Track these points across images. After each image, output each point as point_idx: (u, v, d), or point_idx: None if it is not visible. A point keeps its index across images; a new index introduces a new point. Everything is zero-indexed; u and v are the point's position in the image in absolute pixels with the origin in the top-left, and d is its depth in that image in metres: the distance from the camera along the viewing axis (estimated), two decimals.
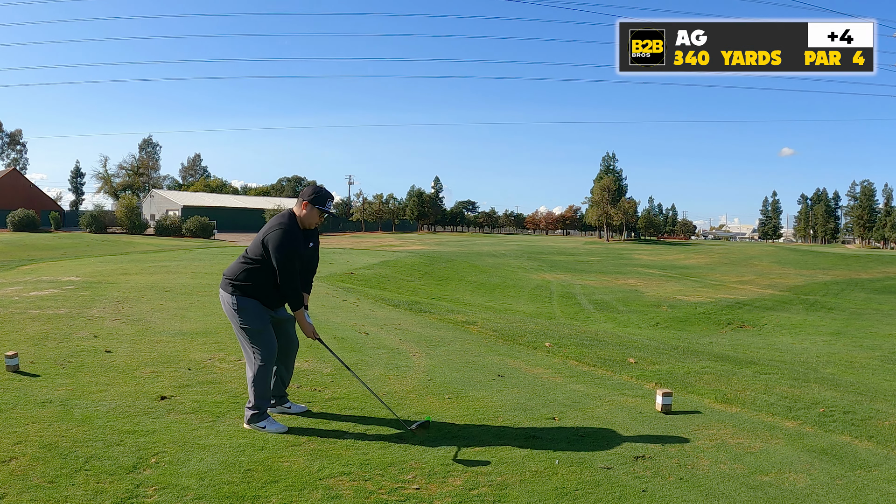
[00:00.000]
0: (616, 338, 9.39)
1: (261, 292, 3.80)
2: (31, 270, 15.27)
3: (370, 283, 17.26)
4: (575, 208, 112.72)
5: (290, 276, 3.73)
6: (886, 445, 3.91)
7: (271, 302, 3.86)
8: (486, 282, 25.53)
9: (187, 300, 9.00)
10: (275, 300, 3.86)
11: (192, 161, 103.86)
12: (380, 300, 11.33)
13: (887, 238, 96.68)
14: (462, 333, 7.77)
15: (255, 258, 3.81)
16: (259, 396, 3.79)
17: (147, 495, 2.81)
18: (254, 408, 3.79)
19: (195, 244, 40.98)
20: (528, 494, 3.03)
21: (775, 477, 3.35)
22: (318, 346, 6.30)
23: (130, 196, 65.50)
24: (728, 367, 6.44)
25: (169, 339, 6.18)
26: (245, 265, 3.83)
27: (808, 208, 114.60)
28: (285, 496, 2.88)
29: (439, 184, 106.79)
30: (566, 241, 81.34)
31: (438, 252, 37.31)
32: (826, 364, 11.89)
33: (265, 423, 3.77)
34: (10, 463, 3.06)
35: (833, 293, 27.55)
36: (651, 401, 4.69)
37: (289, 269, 3.72)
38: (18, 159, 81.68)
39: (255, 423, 3.76)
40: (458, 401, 4.56)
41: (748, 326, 18.33)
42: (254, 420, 3.77)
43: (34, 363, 4.93)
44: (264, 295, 3.81)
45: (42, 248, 34.76)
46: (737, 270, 37.59)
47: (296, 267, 3.77)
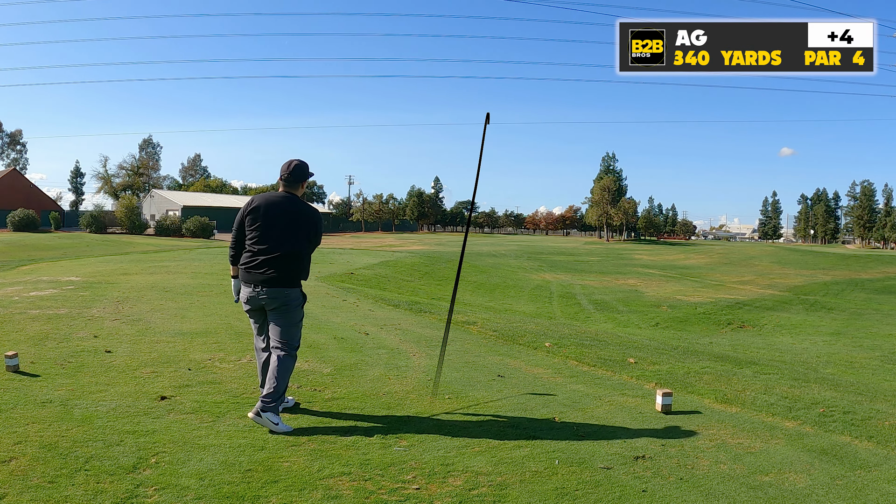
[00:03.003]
0: (616, 338, 9.39)
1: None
2: (31, 270, 15.27)
3: (370, 283, 17.27)
4: (575, 208, 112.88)
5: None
6: (886, 445, 3.90)
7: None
8: (486, 282, 25.53)
9: (187, 300, 9.00)
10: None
11: (192, 161, 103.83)
12: (380, 300, 11.33)
13: (887, 238, 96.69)
14: (462, 333, 7.77)
15: (303, 249, 4.02)
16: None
17: (147, 495, 2.81)
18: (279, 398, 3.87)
19: (195, 244, 40.97)
20: (528, 494, 3.03)
21: (775, 477, 3.35)
22: (319, 346, 6.31)
23: (130, 196, 65.50)
24: (728, 368, 6.44)
25: (169, 339, 6.18)
26: (302, 257, 4.00)
27: (808, 208, 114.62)
28: (285, 496, 2.88)
29: (439, 184, 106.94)
30: (566, 241, 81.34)
31: (438, 252, 37.31)
32: (826, 364, 11.90)
33: (279, 419, 3.80)
34: (10, 463, 3.06)
35: (833, 293, 27.55)
36: (651, 401, 4.69)
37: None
38: (18, 159, 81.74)
39: (273, 415, 3.77)
40: (458, 401, 4.56)
41: (748, 326, 18.34)
42: (274, 409, 3.79)
43: (34, 363, 4.93)
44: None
45: (42, 248, 34.75)
46: (737, 270, 37.60)
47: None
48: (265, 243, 3.93)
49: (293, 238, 3.93)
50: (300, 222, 3.96)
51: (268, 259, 3.91)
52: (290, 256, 3.92)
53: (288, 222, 3.94)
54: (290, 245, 3.92)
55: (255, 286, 3.94)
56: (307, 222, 3.98)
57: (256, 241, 3.95)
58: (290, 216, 3.95)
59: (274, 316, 3.98)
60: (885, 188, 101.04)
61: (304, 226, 3.97)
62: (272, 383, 3.84)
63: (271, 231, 3.93)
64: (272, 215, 3.94)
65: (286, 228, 3.92)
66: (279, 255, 3.91)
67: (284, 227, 3.93)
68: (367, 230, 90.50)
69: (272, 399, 3.79)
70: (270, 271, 3.89)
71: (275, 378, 3.85)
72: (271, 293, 3.91)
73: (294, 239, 3.93)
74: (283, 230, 3.92)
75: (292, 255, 3.92)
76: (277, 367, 3.89)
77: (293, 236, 3.93)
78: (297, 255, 3.94)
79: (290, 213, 3.95)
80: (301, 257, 3.97)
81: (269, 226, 3.93)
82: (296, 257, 3.94)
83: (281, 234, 3.92)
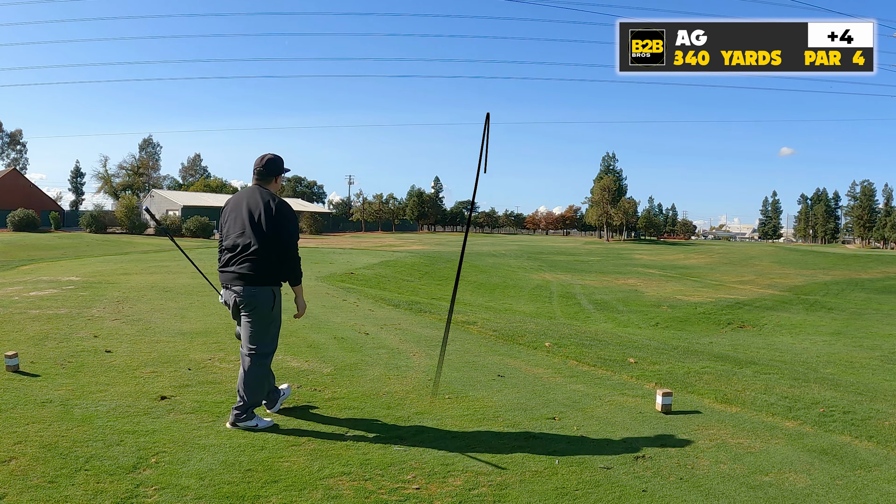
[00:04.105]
0: (616, 338, 9.39)
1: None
2: (31, 270, 15.27)
3: (370, 283, 17.26)
4: (575, 208, 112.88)
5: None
6: (886, 445, 3.90)
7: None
8: (486, 282, 25.53)
9: (187, 300, 9.01)
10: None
11: (192, 161, 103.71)
12: (380, 300, 11.33)
13: (887, 238, 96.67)
14: (462, 333, 7.77)
15: (265, 244, 3.81)
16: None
17: (147, 495, 2.81)
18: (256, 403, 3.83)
19: (195, 244, 40.93)
20: (528, 494, 3.03)
21: (775, 477, 3.35)
22: (318, 346, 6.31)
23: (130, 196, 65.49)
24: (728, 367, 6.44)
25: (169, 339, 6.18)
26: (266, 253, 3.77)
27: (808, 208, 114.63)
28: (285, 496, 2.88)
29: (439, 184, 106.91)
30: (566, 241, 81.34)
31: (438, 252, 37.30)
32: (826, 364, 11.89)
33: (257, 421, 3.79)
34: (10, 463, 3.06)
35: (833, 293, 27.55)
36: (651, 401, 4.69)
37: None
38: (18, 159, 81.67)
39: (248, 422, 3.76)
40: (458, 401, 4.56)
41: (748, 326, 18.33)
42: (248, 419, 3.76)
43: (34, 363, 4.93)
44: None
45: (42, 248, 34.75)
46: (737, 270, 37.59)
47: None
48: (228, 240, 3.80)
49: (254, 233, 3.71)
50: (259, 216, 3.71)
51: (231, 256, 3.78)
52: (252, 252, 3.70)
53: (248, 217, 3.73)
54: (250, 240, 3.71)
55: (224, 285, 3.83)
56: (267, 215, 3.70)
57: (223, 240, 3.86)
58: (251, 211, 3.74)
59: (243, 317, 3.81)
60: (885, 188, 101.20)
61: (264, 219, 3.70)
62: (239, 394, 3.74)
63: (234, 228, 3.79)
64: (235, 212, 3.81)
65: (247, 224, 3.73)
66: (239, 252, 3.74)
67: (245, 222, 3.74)
68: (367, 230, 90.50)
69: (241, 411, 3.71)
70: (233, 268, 3.75)
71: (241, 388, 3.74)
72: (236, 291, 3.75)
73: (254, 234, 3.70)
74: (243, 226, 3.74)
75: (253, 250, 3.70)
76: (243, 376, 3.76)
77: (254, 231, 3.71)
78: (258, 251, 3.70)
79: (250, 207, 3.75)
80: (264, 253, 3.71)
81: (232, 222, 3.80)
82: (258, 253, 3.70)
83: (242, 229, 3.75)
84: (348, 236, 70.49)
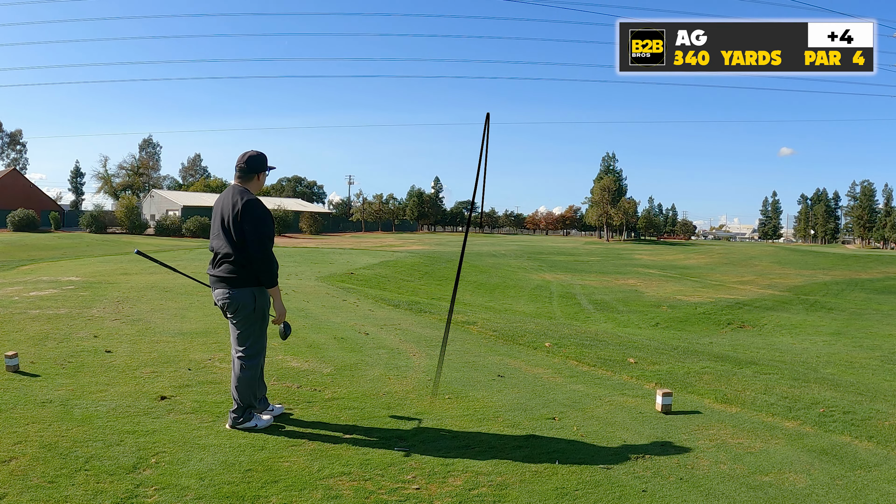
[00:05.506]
0: (616, 338, 9.39)
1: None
2: (31, 270, 15.27)
3: (370, 283, 17.27)
4: (575, 208, 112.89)
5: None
6: (886, 445, 3.90)
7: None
8: (486, 282, 25.53)
9: (187, 300, 9.01)
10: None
11: (192, 161, 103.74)
12: (380, 300, 11.33)
13: (887, 238, 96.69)
14: (462, 333, 7.77)
15: (237, 244, 3.72)
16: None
17: (147, 495, 2.81)
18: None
19: (195, 244, 40.96)
20: (528, 494, 3.03)
21: (775, 477, 3.35)
22: (319, 346, 6.31)
23: (130, 196, 65.55)
24: (728, 367, 6.44)
25: (169, 339, 6.18)
26: (239, 254, 3.70)
27: (808, 208, 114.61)
28: (285, 496, 2.88)
29: (439, 184, 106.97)
30: (566, 241, 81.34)
31: (438, 252, 37.29)
32: (826, 364, 11.89)
33: (256, 420, 3.79)
34: (10, 463, 3.06)
35: (833, 293, 27.55)
36: (651, 401, 4.69)
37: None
38: (18, 159, 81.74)
39: (246, 423, 3.77)
40: (458, 401, 4.56)
41: (748, 326, 18.34)
42: (245, 421, 3.77)
43: (34, 363, 4.93)
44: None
45: (42, 248, 34.75)
46: (737, 270, 37.59)
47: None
48: (210, 242, 3.81)
49: (225, 236, 3.67)
50: (228, 219, 3.65)
51: (212, 259, 3.77)
52: (225, 255, 3.67)
53: (220, 220, 3.70)
54: (223, 242, 3.68)
55: (211, 288, 3.83)
56: (234, 218, 3.62)
57: (210, 242, 3.86)
58: (223, 213, 3.69)
59: (229, 319, 3.82)
60: (885, 188, 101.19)
61: (232, 222, 3.63)
62: (233, 397, 3.78)
63: (213, 230, 3.79)
64: (215, 213, 3.80)
65: (221, 224, 3.69)
66: (216, 252, 3.72)
67: (220, 222, 3.70)
68: (367, 230, 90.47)
69: (238, 414, 3.75)
70: (214, 271, 3.74)
71: (234, 391, 3.77)
72: (216, 293, 3.75)
73: (225, 237, 3.67)
74: (219, 226, 3.71)
75: (225, 253, 3.66)
76: (233, 377, 3.80)
77: (225, 235, 3.67)
78: (230, 254, 3.65)
79: (223, 209, 3.70)
80: (236, 256, 3.64)
81: (213, 224, 3.80)
82: (230, 256, 3.65)
83: (217, 232, 3.73)
84: (348, 236, 70.48)
